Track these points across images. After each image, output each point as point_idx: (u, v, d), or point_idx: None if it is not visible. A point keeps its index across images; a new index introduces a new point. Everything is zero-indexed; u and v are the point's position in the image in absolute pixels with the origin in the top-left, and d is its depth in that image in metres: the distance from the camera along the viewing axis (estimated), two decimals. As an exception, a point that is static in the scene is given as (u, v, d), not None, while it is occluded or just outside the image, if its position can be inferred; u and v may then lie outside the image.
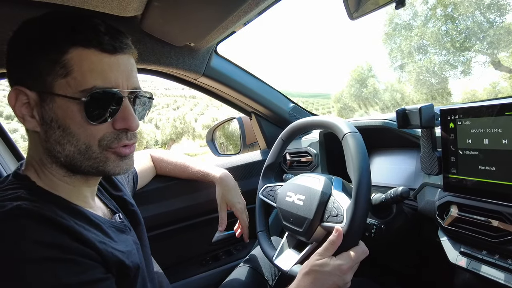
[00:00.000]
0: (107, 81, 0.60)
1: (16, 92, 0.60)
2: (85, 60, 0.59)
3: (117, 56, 0.62)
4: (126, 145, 0.65)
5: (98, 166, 0.63)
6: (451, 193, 0.83)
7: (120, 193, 0.85)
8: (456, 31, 18.36)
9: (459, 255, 0.80)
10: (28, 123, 0.61)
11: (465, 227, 0.79)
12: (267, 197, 1.11)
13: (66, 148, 0.60)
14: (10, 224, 0.50)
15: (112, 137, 0.63)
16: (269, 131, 1.60)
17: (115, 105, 0.62)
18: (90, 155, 0.62)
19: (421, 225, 1.00)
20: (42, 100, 0.59)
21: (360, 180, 0.79)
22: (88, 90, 0.58)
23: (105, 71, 0.60)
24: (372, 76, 31.21)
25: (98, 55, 0.60)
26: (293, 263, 0.92)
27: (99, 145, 0.62)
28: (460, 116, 0.78)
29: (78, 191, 0.67)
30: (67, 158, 0.61)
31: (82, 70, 0.58)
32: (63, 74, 0.58)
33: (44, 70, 0.58)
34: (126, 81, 0.63)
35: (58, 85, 0.58)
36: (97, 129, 0.61)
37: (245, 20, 1.03)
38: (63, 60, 0.58)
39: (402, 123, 0.90)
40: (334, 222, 0.84)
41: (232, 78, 1.36)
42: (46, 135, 0.61)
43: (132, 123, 0.64)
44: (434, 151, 0.86)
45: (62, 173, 0.64)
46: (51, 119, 0.60)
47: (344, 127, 0.88)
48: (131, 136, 0.66)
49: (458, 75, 19.33)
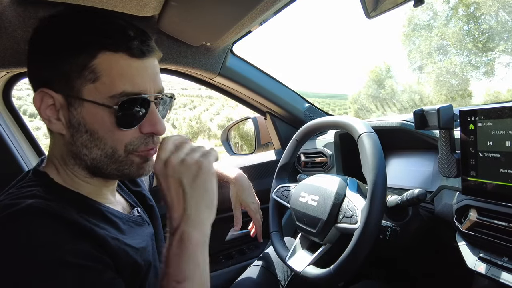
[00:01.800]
0: (135, 86, 0.59)
1: (41, 95, 0.59)
2: (114, 65, 0.58)
3: (145, 60, 0.61)
4: (151, 149, 0.65)
5: (124, 169, 0.63)
6: (470, 196, 0.80)
7: (139, 188, 0.86)
8: (478, 31, 17.82)
9: (478, 261, 0.78)
10: (53, 125, 0.60)
11: (484, 232, 0.76)
12: (280, 197, 1.11)
13: (93, 151, 0.61)
14: (21, 223, 0.49)
15: (139, 141, 0.63)
16: (284, 131, 1.60)
17: (143, 110, 0.61)
18: (116, 159, 0.62)
19: (437, 228, 0.98)
20: (70, 103, 0.59)
21: (375, 180, 0.78)
22: (118, 95, 0.58)
23: (133, 76, 0.59)
24: (390, 77, 30.68)
25: (127, 60, 0.59)
26: (306, 264, 0.91)
27: (125, 149, 0.62)
28: (481, 117, 0.75)
29: (98, 190, 0.68)
30: (93, 161, 0.61)
31: (111, 75, 0.58)
32: (92, 79, 0.57)
33: (72, 74, 0.57)
34: (153, 84, 0.63)
35: (87, 90, 0.58)
36: (125, 134, 0.61)
37: (261, 20, 1.03)
38: (92, 65, 0.57)
39: (419, 124, 0.88)
40: (349, 223, 0.83)
41: (247, 78, 1.37)
42: (73, 138, 0.61)
43: (159, 127, 0.64)
44: (453, 153, 0.84)
45: (84, 174, 0.64)
46: (79, 123, 0.59)
47: (360, 127, 0.86)
48: (157, 140, 0.66)
49: (480, 76, 18.77)
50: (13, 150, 1.13)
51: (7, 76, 1.09)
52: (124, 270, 0.59)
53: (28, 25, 0.87)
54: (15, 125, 1.21)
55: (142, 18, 0.91)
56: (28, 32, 0.88)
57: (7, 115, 1.19)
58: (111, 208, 0.68)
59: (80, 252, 0.51)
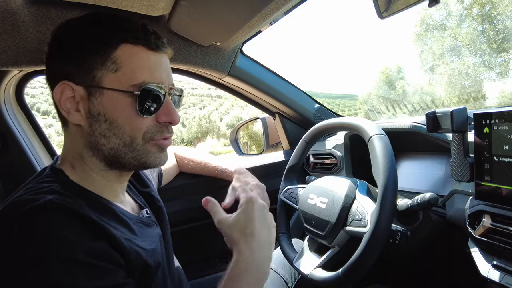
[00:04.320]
0: (153, 77, 0.64)
1: (62, 87, 0.61)
2: (134, 56, 0.62)
3: (160, 54, 0.67)
4: (166, 138, 0.69)
5: (141, 158, 0.66)
6: (484, 201, 0.78)
7: (147, 189, 0.87)
8: (493, 31, 17.47)
9: (491, 268, 0.76)
10: (73, 116, 0.63)
11: (498, 239, 0.74)
12: (288, 198, 1.10)
13: (112, 140, 0.63)
14: (41, 218, 0.51)
15: (155, 130, 0.66)
16: (293, 132, 1.59)
17: (160, 100, 0.65)
18: (134, 148, 0.65)
19: (449, 234, 0.96)
20: (90, 94, 0.62)
21: (386, 184, 0.76)
22: (138, 85, 0.62)
23: (151, 67, 0.64)
24: (401, 78, 30.32)
25: (146, 52, 0.64)
26: (314, 266, 0.90)
27: (143, 137, 0.65)
28: (496, 120, 0.73)
29: (111, 186, 0.69)
30: (111, 150, 0.64)
31: (132, 66, 0.62)
32: (114, 69, 0.61)
33: (95, 65, 0.61)
34: (167, 79, 0.67)
35: (109, 80, 0.61)
36: (143, 122, 0.64)
37: (272, 19, 1.02)
38: (114, 56, 0.61)
39: (432, 126, 0.86)
40: (358, 226, 0.81)
41: (257, 78, 1.36)
42: (92, 128, 0.63)
43: (175, 117, 0.68)
44: (466, 157, 0.82)
45: (100, 167, 0.66)
46: (99, 113, 0.62)
47: (371, 129, 0.85)
48: (171, 130, 0.70)
49: (493, 77, 18.38)
50: (25, 147, 1.14)
51: (20, 75, 1.11)
52: (134, 270, 0.60)
53: (40, 24, 0.88)
54: (27, 124, 1.23)
55: (153, 17, 0.92)
56: (41, 31, 0.90)
57: (20, 113, 1.20)
58: (122, 208, 0.68)
59: (95, 251, 0.52)
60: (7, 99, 1.14)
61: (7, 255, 0.48)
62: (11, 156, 1.13)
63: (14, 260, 0.47)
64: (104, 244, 0.55)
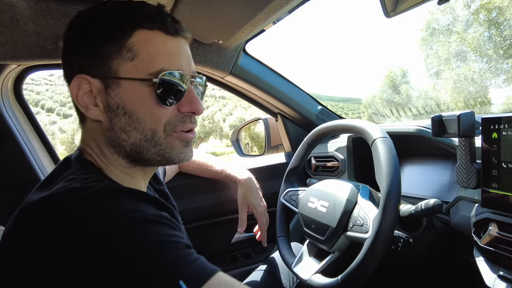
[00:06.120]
0: (172, 63, 0.59)
1: (79, 81, 0.58)
2: (150, 42, 0.58)
3: (179, 39, 0.62)
4: (189, 130, 0.64)
5: (165, 153, 0.62)
6: (490, 209, 0.76)
7: (162, 187, 0.84)
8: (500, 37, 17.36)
9: (497, 279, 0.73)
10: (91, 112, 0.59)
11: (505, 248, 0.71)
12: (289, 201, 1.08)
13: (132, 135, 0.59)
14: (108, 197, 0.49)
15: (177, 120, 0.62)
16: (295, 134, 1.56)
17: (181, 88, 0.61)
18: (156, 141, 0.60)
19: (453, 242, 0.93)
20: (107, 85, 0.58)
21: (389, 189, 0.74)
22: (156, 72, 0.57)
23: (170, 54, 0.60)
24: (406, 82, 30.21)
25: (163, 37, 0.59)
26: (313, 272, 0.88)
27: (164, 130, 0.60)
28: (505, 125, 0.71)
29: (136, 182, 0.66)
30: (133, 146, 0.60)
31: (149, 53, 0.58)
32: (130, 57, 0.57)
33: (110, 55, 0.57)
34: (188, 66, 0.63)
35: (125, 69, 0.57)
36: (164, 112, 0.60)
37: (275, 18, 1.00)
38: (129, 44, 0.57)
39: (437, 130, 0.83)
40: (359, 232, 0.79)
41: (259, 78, 1.34)
42: (111, 123, 0.59)
43: (198, 106, 0.63)
44: (473, 162, 0.79)
45: (124, 164, 0.63)
46: (117, 106, 0.58)
47: (374, 132, 0.83)
48: (194, 120, 0.65)
49: (500, 83, 18.27)
50: (21, 142, 1.13)
51: (18, 69, 1.10)
52: None
53: (39, 18, 0.87)
54: (24, 119, 1.21)
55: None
56: (40, 25, 0.88)
57: (18, 108, 1.19)
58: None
59: (164, 214, 0.53)
60: (5, 93, 1.13)
61: (79, 232, 0.45)
62: (7, 151, 1.12)
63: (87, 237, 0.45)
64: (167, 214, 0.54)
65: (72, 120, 64.88)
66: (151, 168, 0.68)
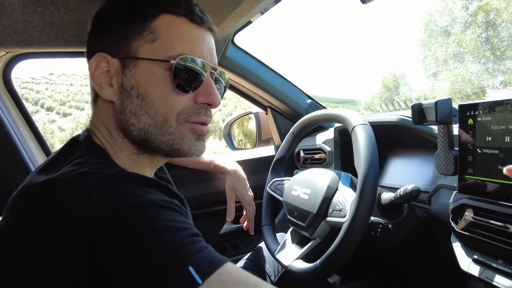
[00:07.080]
0: (194, 51, 0.58)
1: (98, 59, 0.57)
2: (174, 27, 0.58)
3: (204, 29, 0.61)
4: (203, 123, 0.62)
5: (173, 143, 0.59)
6: (467, 195, 0.77)
7: (165, 175, 0.83)
8: (497, 38, 17.45)
9: (472, 263, 0.74)
10: (105, 91, 0.58)
11: (480, 233, 0.73)
12: (274, 191, 1.09)
13: (142, 119, 0.57)
14: (122, 181, 0.48)
15: (192, 110, 0.59)
16: (285, 127, 1.57)
17: (200, 77, 0.59)
18: (166, 130, 0.58)
19: (433, 229, 0.94)
20: (125, 66, 0.57)
21: (366, 173, 0.75)
22: (175, 56, 0.56)
23: (192, 41, 0.59)
24: (405, 84, 30.27)
25: (188, 24, 0.59)
26: (294, 258, 0.89)
27: (177, 118, 0.58)
28: (480, 111, 0.72)
29: (142, 171, 0.64)
30: (141, 131, 0.58)
31: (171, 37, 0.57)
32: (151, 39, 0.56)
33: (132, 35, 0.57)
34: (210, 57, 0.61)
35: (144, 50, 0.57)
36: (179, 100, 0.58)
37: (261, 8, 1.01)
38: (152, 26, 0.57)
39: (417, 118, 0.84)
40: (338, 217, 0.80)
41: (248, 70, 1.35)
42: (123, 105, 0.58)
43: (215, 98, 0.61)
44: (451, 149, 0.81)
45: (132, 150, 0.61)
46: (132, 87, 0.57)
47: (354, 119, 0.84)
48: (209, 113, 0.63)
49: (497, 85, 18.33)
50: (10, 130, 1.13)
51: (7, 56, 1.10)
52: None
53: (27, 6, 0.87)
54: (15, 108, 1.22)
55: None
56: (28, 13, 0.88)
57: (7, 97, 1.20)
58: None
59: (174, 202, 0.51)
60: None
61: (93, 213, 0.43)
62: None
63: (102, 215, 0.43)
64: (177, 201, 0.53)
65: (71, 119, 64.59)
66: (159, 158, 0.65)
